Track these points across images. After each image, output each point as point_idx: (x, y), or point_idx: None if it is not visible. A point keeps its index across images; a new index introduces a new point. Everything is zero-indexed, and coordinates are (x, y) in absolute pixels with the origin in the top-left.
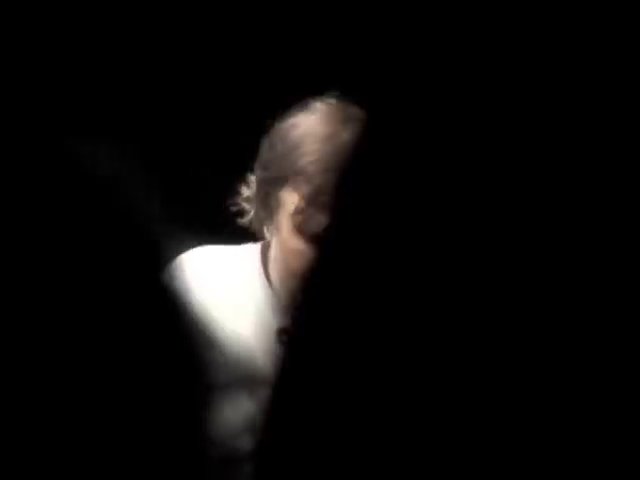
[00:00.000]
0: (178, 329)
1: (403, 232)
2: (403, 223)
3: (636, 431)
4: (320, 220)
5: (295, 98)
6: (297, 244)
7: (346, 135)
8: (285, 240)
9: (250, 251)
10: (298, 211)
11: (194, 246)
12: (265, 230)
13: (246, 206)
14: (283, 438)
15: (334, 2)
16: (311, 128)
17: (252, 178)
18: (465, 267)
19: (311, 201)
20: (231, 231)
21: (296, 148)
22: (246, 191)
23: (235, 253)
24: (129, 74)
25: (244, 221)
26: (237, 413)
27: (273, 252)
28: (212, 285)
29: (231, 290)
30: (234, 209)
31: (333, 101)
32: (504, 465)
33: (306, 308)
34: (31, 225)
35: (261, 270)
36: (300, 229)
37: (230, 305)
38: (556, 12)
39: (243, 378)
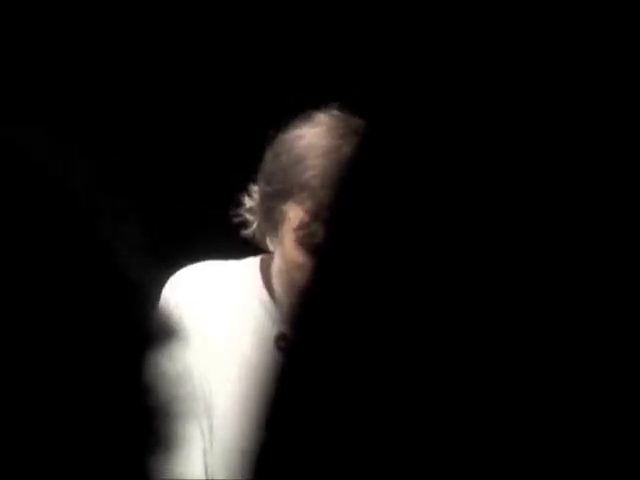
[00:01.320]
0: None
1: (402, 242)
2: (402, 234)
3: (636, 431)
4: (323, 234)
5: (297, 109)
6: (300, 258)
7: (349, 148)
8: (288, 253)
9: (249, 265)
10: (302, 226)
11: (193, 262)
12: (268, 242)
13: (249, 217)
14: (283, 440)
15: (336, 13)
16: (314, 141)
17: (255, 189)
18: (465, 277)
19: (315, 216)
20: (231, 245)
21: (300, 162)
22: (249, 202)
23: (234, 267)
24: (124, 83)
25: (247, 232)
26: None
27: (276, 264)
28: (211, 300)
29: (230, 303)
30: (237, 220)
31: (336, 112)
32: (504, 465)
33: (305, 315)
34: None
35: (261, 282)
36: (303, 243)
37: (229, 318)
38: (555, 12)
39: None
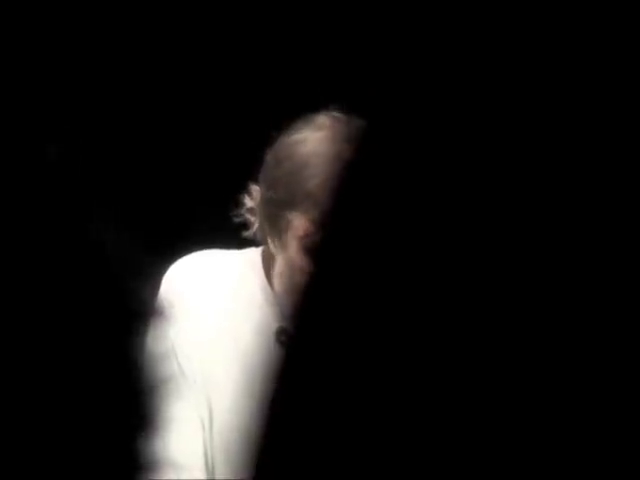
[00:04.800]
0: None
1: (401, 240)
2: (401, 232)
3: (636, 431)
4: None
5: (297, 109)
6: (305, 263)
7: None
8: (294, 259)
9: (251, 255)
10: (307, 234)
11: (193, 251)
12: (270, 244)
13: (250, 217)
14: (282, 436)
15: (335, 13)
16: (317, 147)
17: (255, 189)
18: (464, 277)
19: (320, 224)
20: (229, 240)
21: (303, 169)
22: (249, 202)
23: (234, 256)
24: (124, 81)
25: (248, 233)
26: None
27: (278, 267)
28: (211, 287)
29: (230, 291)
30: (237, 220)
31: (337, 114)
32: (504, 465)
33: (306, 311)
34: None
35: (262, 272)
36: (309, 250)
37: (229, 305)
38: (556, 12)
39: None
